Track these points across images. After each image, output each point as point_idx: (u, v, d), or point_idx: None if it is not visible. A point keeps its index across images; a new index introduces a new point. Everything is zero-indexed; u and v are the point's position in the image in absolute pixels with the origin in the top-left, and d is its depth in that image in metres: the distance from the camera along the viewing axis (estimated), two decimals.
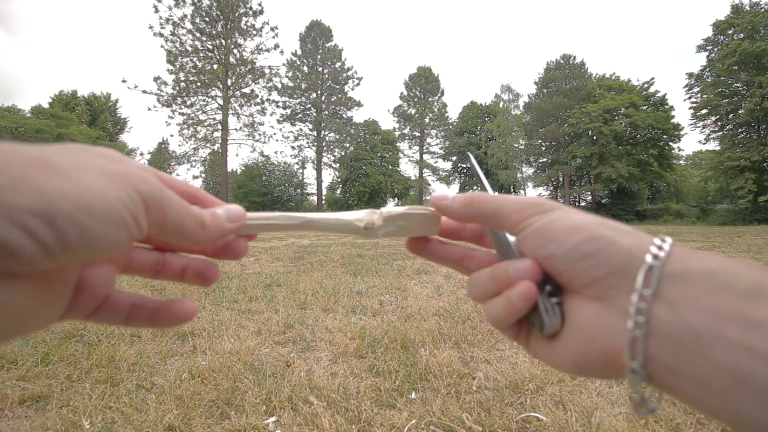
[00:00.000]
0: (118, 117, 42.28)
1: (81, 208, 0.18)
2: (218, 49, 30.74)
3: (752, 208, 24.08)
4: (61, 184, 0.18)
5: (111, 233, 0.19)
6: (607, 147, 29.83)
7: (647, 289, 0.21)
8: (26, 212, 0.16)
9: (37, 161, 0.18)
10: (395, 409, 1.50)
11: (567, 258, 0.24)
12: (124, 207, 0.19)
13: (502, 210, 0.28)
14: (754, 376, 0.17)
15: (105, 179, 0.19)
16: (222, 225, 0.26)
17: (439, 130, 40.95)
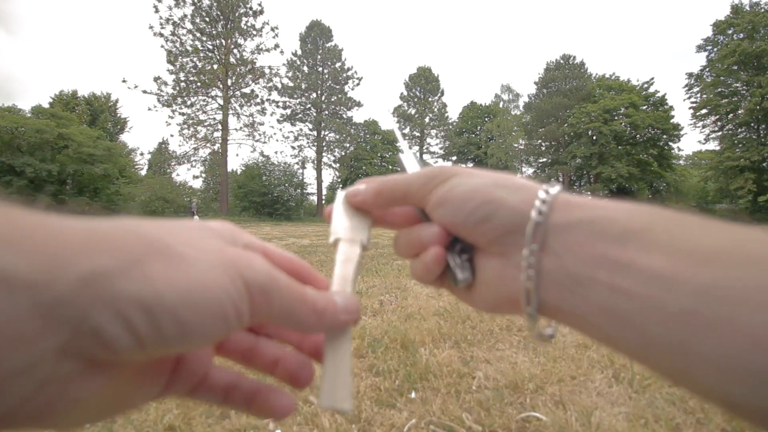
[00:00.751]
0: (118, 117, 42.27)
1: (184, 301, 0.17)
2: (218, 49, 30.75)
3: (752, 208, 24.08)
4: (171, 272, 0.17)
5: (209, 327, 0.18)
6: (607, 147, 29.82)
7: (535, 244, 0.23)
8: (129, 301, 0.16)
9: (154, 245, 0.18)
10: (395, 409, 1.50)
11: (467, 223, 0.26)
12: (228, 299, 0.19)
13: (410, 189, 0.29)
14: (619, 309, 0.20)
15: (215, 268, 0.19)
16: (336, 315, 0.24)
17: (439, 130, 40.97)
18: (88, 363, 0.16)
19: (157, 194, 22.96)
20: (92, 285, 0.16)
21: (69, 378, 0.16)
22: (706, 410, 1.45)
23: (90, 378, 0.17)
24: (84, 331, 0.15)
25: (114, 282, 0.16)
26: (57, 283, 0.15)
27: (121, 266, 0.16)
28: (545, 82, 36.46)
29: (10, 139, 22.31)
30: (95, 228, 0.17)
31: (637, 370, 1.77)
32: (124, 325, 0.16)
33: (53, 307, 0.15)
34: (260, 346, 0.27)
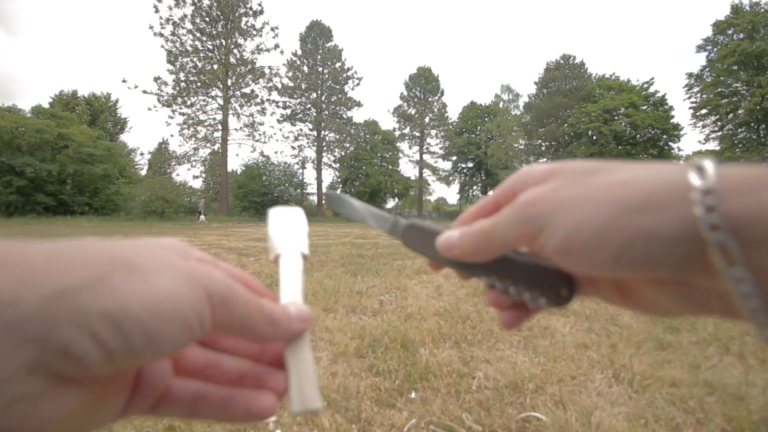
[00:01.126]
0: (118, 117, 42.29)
1: (150, 312, 0.18)
2: (218, 49, 30.75)
3: None
4: (135, 285, 0.18)
5: (175, 336, 0.19)
6: (607, 147, 29.85)
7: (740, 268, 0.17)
8: (96, 315, 0.16)
9: (120, 261, 0.18)
10: (395, 409, 1.50)
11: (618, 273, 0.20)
12: (191, 309, 0.19)
13: (508, 240, 0.24)
14: None
15: (176, 279, 0.19)
16: (290, 324, 0.25)
17: (439, 130, 40.95)
18: (58, 379, 0.16)
19: (157, 194, 22.94)
20: (58, 301, 0.16)
21: (39, 395, 0.16)
22: (706, 410, 1.45)
23: (60, 394, 0.17)
24: (53, 348, 0.15)
25: (80, 297, 0.16)
26: (23, 300, 0.15)
27: (87, 282, 0.16)
28: (545, 82, 36.49)
29: (10, 139, 22.31)
30: (59, 249, 0.17)
31: (637, 370, 1.77)
32: (92, 339, 0.16)
33: (20, 325, 0.15)
34: (221, 361, 0.26)
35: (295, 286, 0.28)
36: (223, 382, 0.26)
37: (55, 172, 22.85)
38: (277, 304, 0.25)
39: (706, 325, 2.38)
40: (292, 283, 0.28)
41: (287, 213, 0.35)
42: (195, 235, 10.46)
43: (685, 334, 2.28)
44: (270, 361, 0.27)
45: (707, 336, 2.20)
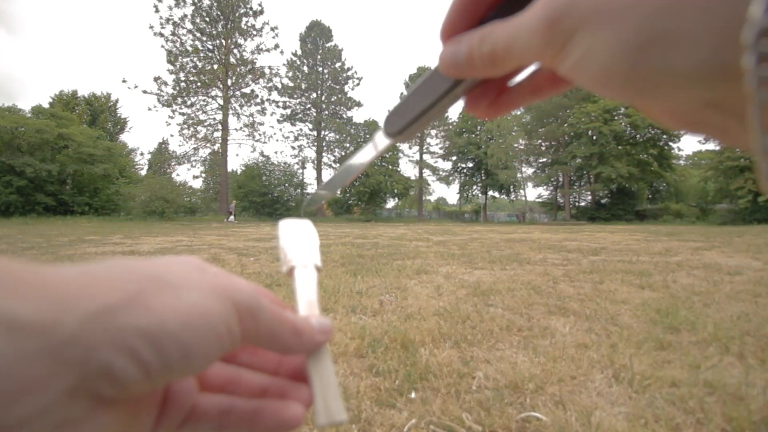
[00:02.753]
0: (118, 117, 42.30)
1: (185, 326, 0.18)
2: (218, 49, 30.76)
3: (752, 208, 24.10)
4: (169, 301, 0.18)
5: (208, 349, 0.19)
6: (607, 147, 29.83)
7: None
8: (134, 334, 0.16)
9: (149, 278, 0.18)
10: (395, 409, 1.50)
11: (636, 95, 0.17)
12: (221, 321, 0.20)
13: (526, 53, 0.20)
14: None
15: (205, 293, 0.20)
16: (313, 335, 0.25)
17: (439, 130, 40.95)
18: (97, 402, 0.17)
19: (157, 194, 22.97)
20: (96, 323, 0.16)
21: (80, 420, 0.16)
22: (706, 410, 1.45)
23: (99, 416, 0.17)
24: (93, 370, 0.16)
25: (117, 317, 0.16)
26: (63, 324, 0.15)
27: (122, 301, 0.17)
28: None
29: (10, 139, 22.32)
30: (90, 270, 0.18)
31: (637, 370, 1.77)
32: (131, 358, 0.16)
33: (61, 349, 0.15)
34: (242, 376, 0.26)
35: (312, 299, 0.28)
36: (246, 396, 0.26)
37: (55, 172, 22.86)
38: (299, 316, 0.26)
39: (706, 325, 2.38)
40: (309, 296, 0.28)
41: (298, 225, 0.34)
42: (195, 235, 10.46)
43: (685, 334, 2.28)
44: (288, 374, 0.28)
45: (707, 336, 2.20)
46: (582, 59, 0.17)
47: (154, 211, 22.51)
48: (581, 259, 5.80)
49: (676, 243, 8.39)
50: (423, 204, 43.92)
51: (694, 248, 7.23)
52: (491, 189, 39.95)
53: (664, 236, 10.83)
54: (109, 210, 26.45)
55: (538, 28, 0.18)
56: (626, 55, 0.16)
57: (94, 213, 25.12)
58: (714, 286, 3.74)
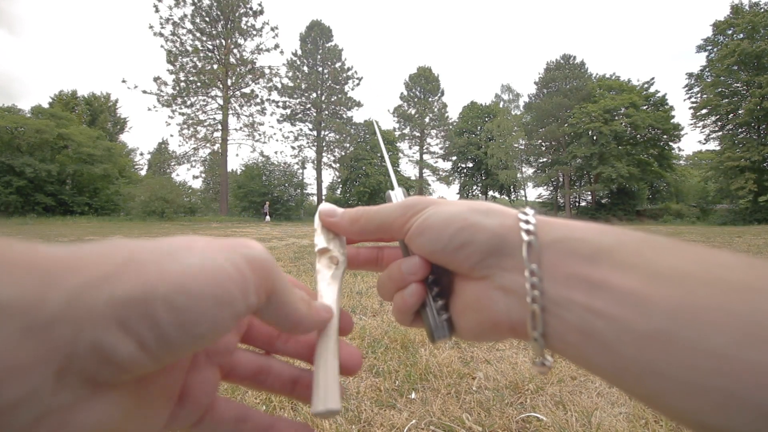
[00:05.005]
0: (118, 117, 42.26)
1: (178, 287, 0.16)
2: (218, 49, 30.74)
3: (752, 208, 24.07)
4: (162, 266, 0.16)
5: (213, 311, 0.17)
6: (607, 147, 29.82)
7: (534, 264, 0.23)
8: (121, 304, 0.15)
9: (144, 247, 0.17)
10: (395, 409, 1.50)
11: (446, 250, 0.26)
12: (227, 277, 0.18)
13: (386, 221, 0.29)
14: (595, 331, 0.20)
15: (209, 253, 0.18)
16: (321, 314, 0.26)
17: (439, 130, 40.93)
18: (90, 386, 0.15)
19: (157, 194, 22.94)
20: (82, 297, 0.15)
21: (70, 406, 0.15)
22: None
23: (92, 404, 0.15)
24: (80, 348, 0.14)
25: (103, 288, 0.15)
26: (46, 302, 0.14)
27: (110, 272, 0.15)
28: (545, 82, 36.45)
29: (9, 139, 22.30)
30: (79, 248, 0.16)
31: None
32: (121, 332, 0.15)
33: (45, 329, 0.14)
34: (273, 365, 0.26)
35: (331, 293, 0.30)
36: (276, 388, 0.26)
37: (55, 172, 22.84)
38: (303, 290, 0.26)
39: None
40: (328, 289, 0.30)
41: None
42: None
43: None
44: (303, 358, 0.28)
45: None
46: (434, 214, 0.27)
47: (154, 212, 22.48)
48: None
49: None
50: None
51: None
52: (491, 189, 39.95)
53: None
54: (108, 210, 26.42)
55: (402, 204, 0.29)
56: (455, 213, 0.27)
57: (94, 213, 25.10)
58: None
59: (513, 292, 0.24)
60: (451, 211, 0.27)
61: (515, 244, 0.24)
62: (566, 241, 0.23)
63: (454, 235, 0.26)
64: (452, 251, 0.26)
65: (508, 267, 0.24)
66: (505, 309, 0.24)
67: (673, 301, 0.18)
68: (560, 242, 0.23)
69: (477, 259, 0.25)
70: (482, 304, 0.26)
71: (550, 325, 0.22)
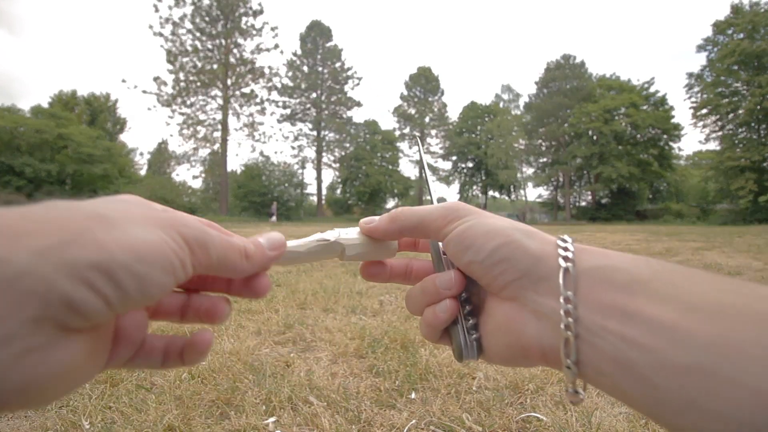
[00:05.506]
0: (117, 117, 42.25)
1: (137, 258, 0.19)
2: (218, 49, 30.75)
3: (752, 208, 24.08)
4: (116, 236, 0.19)
5: (162, 278, 0.20)
6: (608, 147, 29.84)
7: (570, 291, 0.23)
8: (88, 267, 0.17)
9: (94, 216, 0.19)
10: (395, 409, 1.50)
11: (485, 263, 0.26)
12: (172, 252, 0.20)
13: (425, 220, 0.30)
14: (630, 361, 0.20)
15: (153, 228, 0.21)
16: (264, 253, 0.27)
17: (439, 130, 40.96)
18: (62, 330, 0.18)
19: (157, 194, 23.00)
20: (48, 257, 0.17)
21: (47, 345, 0.17)
22: None
23: (66, 344, 0.18)
24: (54, 300, 0.17)
25: (67, 252, 0.17)
26: (12, 261, 0.16)
27: (69, 238, 0.17)
28: (545, 82, 36.46)
29: (9, 139, 22.30)
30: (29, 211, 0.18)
31: None
32: (89, 290, 0.17)
33: (16, 280, 0.16)
34: (192, 299, 0.28)
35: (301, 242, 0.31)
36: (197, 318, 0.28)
37: (55, 173, 22.86)
38: (247, 239, 0.27)
39: None
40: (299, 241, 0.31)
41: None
42: None
43: None
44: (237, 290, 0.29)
45: None
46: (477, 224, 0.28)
47: None
48: None
49: (677, 243, 8.39)
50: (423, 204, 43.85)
51: (695, 248, 7.22)
52: (491, 189, 39.96)
53: (665, 236, 10.83)
54: None
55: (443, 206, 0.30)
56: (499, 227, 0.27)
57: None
58: None
59: (546, 318, 0.24)
60: (495, 225, 0.27)
61: (552, 269, 0.24)
62: (602, 269, 0.23)
63: (496, 249, 0.26)
64: (490, 265, 0.26)
65: (542, 291, 0.24)
66: (536, 334, 0.24)
67: (712, 334, 0.18)
68: (596, 270, 0.23)
69: (512, 278, 0.25)
70: (513, 327, 0.26)
71: (584, 353, 0.22)
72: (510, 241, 0.26)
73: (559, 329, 0.23)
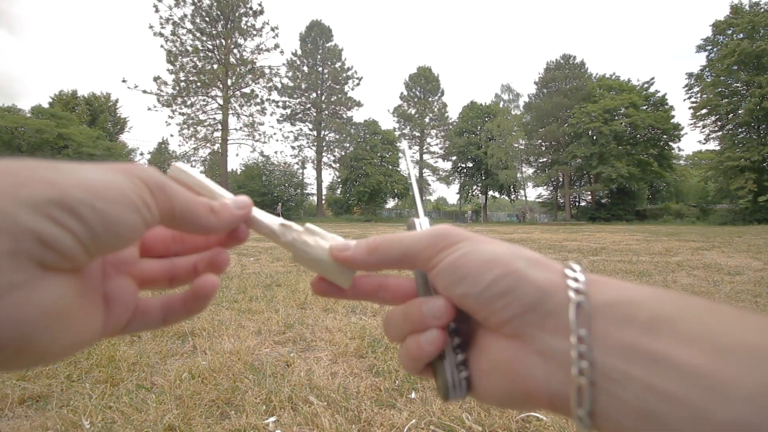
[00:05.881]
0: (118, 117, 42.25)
1: (96, 196, 0.19)
2: (218, 49, 30.74)
3: (752, 208, 24.10)
4: (70, 176, 0.19)
5: (128, 217, 0.20)
6: (607, 147, 29.83)
7: (583, 330, 0.20)
8: (46, 203, 0.17)
9: (42, 164, 0.19)
10: (395, 409, 1.50)
11: (482, 297, 0.23)
12: (132, 192, 0.20)
13: (411, 249, 0.26)
14: (658, 415, 0.17)
15: (110, 171, 0.20)
16: (231, 211, 0.26)
17: (439, 130, 40.97)
18: (41, 268, 0.18)
19: None
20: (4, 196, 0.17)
21: (28, 283, 0.17)
22: None
23: (48, 283, 0.18)
24: (24, 234, 0.17)
25: (22, 191, 0.17)
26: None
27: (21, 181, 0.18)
28: (545, 82, 36.45)
29: (10, 139, 22.31)
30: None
31: None
32: (55, 224, 0.17)
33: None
34: (176, 261, 0.28)
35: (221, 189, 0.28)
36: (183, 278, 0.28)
37: None
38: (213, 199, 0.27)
39: None
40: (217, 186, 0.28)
41: None
42: None
43: None
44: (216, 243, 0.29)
45: None
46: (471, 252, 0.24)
47: None
48: (581, 259, 5.80)
49: (677, 243, 8.39)
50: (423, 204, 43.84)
51: (695, 248, 7.22)
52: (491, 189, 39.94)
53: (664, 236, 10.83)
54: None
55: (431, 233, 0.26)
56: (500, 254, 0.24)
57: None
58: (714, 286, 3.74)
59: (555, 360, 0.21)
60: (493, 252, 0.24)
61: (561, 304, 0.21)
62: (621, 305, 0.20)
63: (495, 280, 0.23)
64: (489, 299, 0.23)
65: (549, 329, 0.21)
66: (543, 377, 0.21)
67: (755, 384, 0.16)
68: (614, 306, 0.20)
69: (514, 313, 0.22)
70: (514, 368, 0.22)
71: (600, 403, 0.19)
72: (511, 271, 0.23)
73: (570, 374, 0.20)
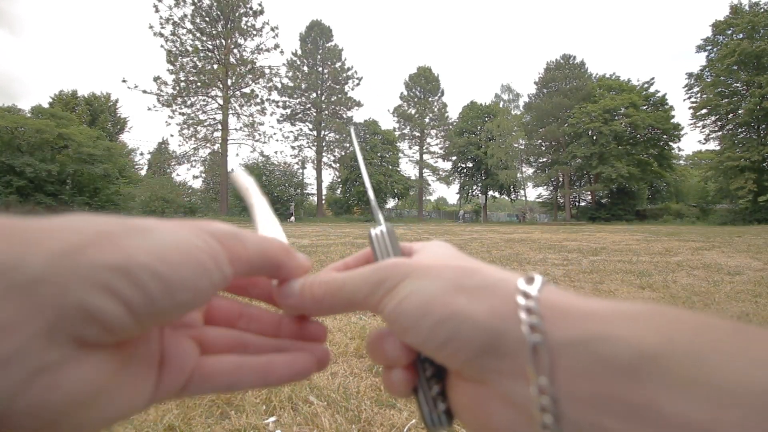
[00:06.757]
0: (118, 117, 42.26)
1: (160, 259, 0.17)
2: (218, 49, 30.74)
3: (752, 208, 24.10)
4: (138, 240, 0.18)
5: (193, 280, 0.18)
6: (607, 147, 29.84)
7: (544, 377, 0.17)
8: (106, 269, 0.16)
9: (115, 222, 0.18)
10: (395, 409, 1.50)
11: (427, 346, 0.21)
12: (199, 250, 0.19)
13: (354, 299, 0.24)
14: None
15: (176, 230, 0.19)
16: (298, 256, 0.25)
17: (439, 130, 40.95)
18: (78, 345, 0.16)
19: (157, 194, 23.01)
20: (65, 260, 0.15)
21: (61, 363, 0.15)
22: None
23: (81, 362, 0.16)
24: (69, 309, 0.15)
25: (83, 255, 0.16)
26: (28, 262, 0.15)
27: (87, 241, 0.16)
28: (545, 82, 36.47)
29: (10, 139, 22.30)
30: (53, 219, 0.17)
31: None
32: (108, 294, 0.16)
33: (30, 287, 0.15)
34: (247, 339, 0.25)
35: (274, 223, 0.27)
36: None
37: (55, 172, 22.83)
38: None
39: None
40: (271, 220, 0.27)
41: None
42: None
43: None
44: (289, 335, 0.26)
45: None
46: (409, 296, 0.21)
47: (154, 211, 22.51)
48: (581, 259, 5.80)
49: (676, 243, 8.39)
50: (423, 204, 43.92)
51: (695, 248, 7.22)
52: (491, 189, 39.96)
53: (664, 236, 10.83)
54: (109, 210, 26.40)
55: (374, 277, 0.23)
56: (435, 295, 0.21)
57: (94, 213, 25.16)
58: (714, 286, 3.74)
59: (518, 407, 0.18)
60: (429, 292, 0.21)
61: (515, 340, 0.18)
62: (591, 342, 0.17)
63: (433, 328, 0.20)
64: (435, 348, 0.20)
65: (507, 372, 0.18)
66: (508, 424, 0.19)
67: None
68: (580, 345, 0.17)
69: (466, 358, 0.20)
70: (479, 411, 0.20)
71: None
72: (450, 313, 0.20)
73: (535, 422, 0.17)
